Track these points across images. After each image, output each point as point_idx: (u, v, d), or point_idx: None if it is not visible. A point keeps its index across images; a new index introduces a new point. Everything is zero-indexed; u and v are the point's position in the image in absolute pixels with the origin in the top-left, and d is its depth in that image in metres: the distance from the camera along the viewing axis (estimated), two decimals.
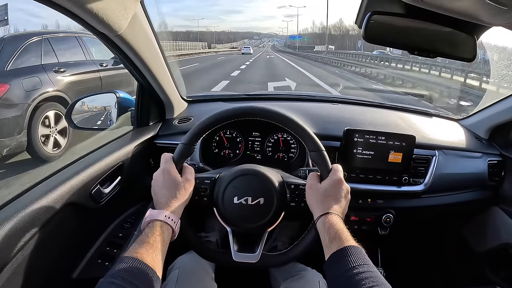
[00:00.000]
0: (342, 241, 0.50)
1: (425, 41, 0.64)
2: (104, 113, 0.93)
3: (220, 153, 0.96)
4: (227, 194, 0.61)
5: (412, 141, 0.85)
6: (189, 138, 0.62)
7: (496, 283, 1.01)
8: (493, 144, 1.04)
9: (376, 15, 0.61)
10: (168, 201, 0.55)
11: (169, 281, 0.69)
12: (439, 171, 0.91)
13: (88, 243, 0.72)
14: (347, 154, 0.86)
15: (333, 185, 0.58)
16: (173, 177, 0.58)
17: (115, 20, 0.55)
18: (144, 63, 0.75)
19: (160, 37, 0.77)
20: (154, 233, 0.50)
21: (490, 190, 0.99)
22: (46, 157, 2.74)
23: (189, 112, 1.07)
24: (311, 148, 0.62)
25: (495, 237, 1.01)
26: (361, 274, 0.44)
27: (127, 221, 0.82)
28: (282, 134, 0.95)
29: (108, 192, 0.72)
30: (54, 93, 2.78)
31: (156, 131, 0.93)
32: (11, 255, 0.50)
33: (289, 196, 0.63)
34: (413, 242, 1.16)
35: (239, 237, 0.64)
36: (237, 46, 72.29)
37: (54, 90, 2.79)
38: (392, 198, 0.90)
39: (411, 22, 0.63)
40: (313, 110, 1.06)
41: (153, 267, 0.45)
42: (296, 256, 0.62)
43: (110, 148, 0.78)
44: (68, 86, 2.94)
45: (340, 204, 0.57)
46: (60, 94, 2.84)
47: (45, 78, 2.74)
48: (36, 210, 0.53)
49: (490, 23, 0.57)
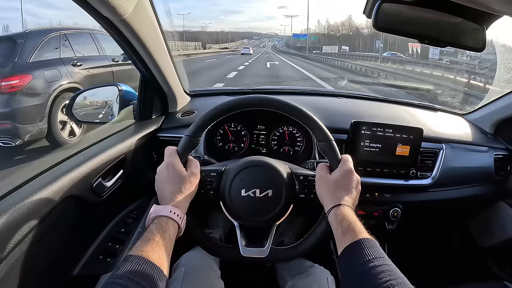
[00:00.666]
0: (356, 233, 0.49)
1: (435, 30, 0.64)
2: (106, 107, 0.91)
3: (224, 147, 0.94)
4: (234, 186, 0.59)
5: (419, 134, 0.84)
6: (194, 130, 0.60)
7: (503, 278, 1.00)
8: (499, 139, 1.04)
9: (386, 4, 0.60)
10: (173, 196, 0.54)
11: (175, 278, 0.68)
12: (446, 164, 0.91)
13: (89, 238, 0.70)
14: (354, 147, 0.85)
15: (344, 175, 0.57)
16: (178, 171, 0.56)
17: (121, 3, 0.53)
18: (148, 51, 0.73)
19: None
20: (160, 230, 0.48)
21: (497, 185, 0.99)
22: (62, 144, 2.98)
23: (192, 105, 1.05)
24: (319, 138, 0.60)
25: (502, 231, 1.00)
26: (377, 267, 0.43)
27: (129, 216, 0.80)
28: (287, 127, 0.93)
29: (110, 185, 0.70)
30: (72, 85, 3.03)
31: (159, 124, 0.91)
32: (9, 249, 0.48)
33: (298, 187, 0.61)
34: (420, 237, 1.16)
35: (247, 232, 0.62)
36: (231, 46, 66.51)
37: (71, 81, 3.04)
38: (400, 192, 0.89)
39: (420, 11, 0.62)
40: (319, 103, 1.05)
41: (159, 265, 0.44)
42: (307, 249, 0.61)
43: (112, 141, 0.76)
44: (84, 78, 3.18)
45: (351, 195, 0.56)
46: (77, 86, 3.08)
47: (63, 71, 2.98)
48: (35, 202, 0.51)
49: (501, 12, 0.56)
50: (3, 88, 2.55)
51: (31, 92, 2.69)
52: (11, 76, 2.58)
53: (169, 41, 0.82)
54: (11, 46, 2.68)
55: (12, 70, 2.60)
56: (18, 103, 2.61)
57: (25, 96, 2.65)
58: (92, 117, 0.89)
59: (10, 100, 2.57)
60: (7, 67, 2.59)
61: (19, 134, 2.62)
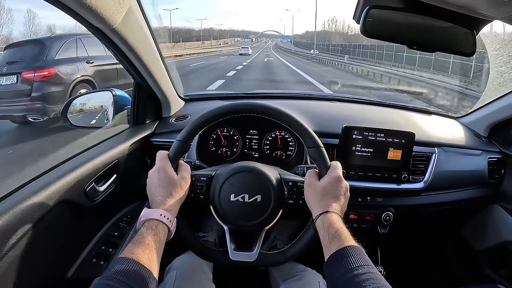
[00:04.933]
0: (341, 240, 0.49)
1: (424, 35, 0.64)
2: (100, 112, 0.91)
3: (217, 151, 0.95)
4: (223, 191, 0.60)
5: (411, 138, 0.84)
6: (185, 135, 0.61)
7: (497, 281, 1.00)
8: (493, 142, 1.04)
9: (374, 10, 0.60)
10: (164, 200, 0.54)
11: (166, 282, 0.68)
12: (439, 168, 0.91)
13: (83, 242, 0.71)
14: (346, 152, 0.85)
15: (332, 182, 0.57)
16: (169, 175, 0.57)
17: (110, 13, 0.54)
18: (140, 58, 0.74)
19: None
20: (150, 232, 0.49)
21: (490, 188, 0.99)
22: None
23: (186, 110, 1.06)
24: (309, 145, 0.61)
25: (496, 235, 1.00)
26: (361, 275, 0.43)
27: (123, 220, 0.81)
28: (280, 132, 0.94)
29: (103, 190, 0.71)
30: (86, 77, 3.99)
31: (153, 129, 0.92)
32: (3, 253, 0.48)
33: (286, 193, 0.62)
34: (413, 240, 1.16)
35: (236, 236, 0.63)
36: (208, 45, 55.90)
37: (85, 75, 3.99)
38: (392, 196, 0.89)
39: (410, 17, 0.62)
40: (311, 107, 1.05)
41: (149, 267, 0.44)
42: (294, 255, 0.61)
43: (106, 146, 0.76)
44: (95, 73, 4.13)
45: (339, 202, 0.56)
46: (90, 78, 4.05)
47: (80, 66, 3.95)
48: (29, 207, 0.52)
49: (490, 17, 0.57)
50: (36, 77, 3.50)
51: (56, 81, 3.62)
52: (42, 68, 3.54)
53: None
54: (41, 46, 3.65)
55: (43, 64, 3.57)
56: (47, 89, 3.55)
57: (52, 84, 3.59)
58: (87, 122, 0.90)
59: (41, 87, 3.52)
60: (39, 62, 3.56)
61: (47, 112, 3.50)
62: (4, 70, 3.57)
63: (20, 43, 3.95)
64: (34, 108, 3.47)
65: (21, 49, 3.73)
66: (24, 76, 3.49)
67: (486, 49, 1.01)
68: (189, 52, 25.32)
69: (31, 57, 3.61)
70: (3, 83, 3.53)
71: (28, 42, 3.89)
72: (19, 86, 3.50)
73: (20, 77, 3.49)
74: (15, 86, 3.51)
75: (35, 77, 3.48)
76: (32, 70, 3.49)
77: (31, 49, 3.67)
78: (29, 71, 3.50)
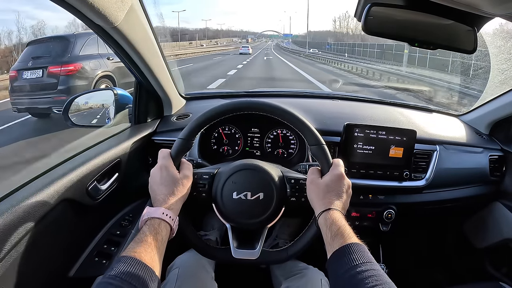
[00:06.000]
0: (344, 238, 0.49)
1: (426, 33, 0.64)
2: (101, 111, 0.92)
3: (219, 150, 0.95)
4: (226, 189, 0.60)
5: (413, 136, 0.84)
6: (187, 133, 0.61)
7: (498, 279, 1.00)
8: (494, 139, 1.04)
9: (375, 7, 0.60)
10: (166, 198, 0.54)
11: (168, 280, 0.68)
12: (441, 166, 0.91)
13: (85, 240, 0.71)
14: (347, 149, 0.85)
15: (334, 180, 0.57)
16: (171, 173, 0.57)
17: (111, 11, 0.54)
18: (141, 57, 0.74)
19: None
20: (152, 231, 0.49)
21: (492, 185, 0.99)
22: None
23: (188, 109, 1.06)
24: (311, 142, 0.61)
25: (497, 232, 1.00)
26: (364, 272, 0.43)
27: (125, 218, 0.81)
28: (281, 130, 0.94)
29: (105, 189, 0.71)
30: (107, 73, 4.29)
31: (154, 128, 0.92)
32: (5, 251, 0.48)
33: (289, 191, 0.62)
34: (415, 238, 1.16)
35: (238, 234, 0.63)
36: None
37: (107, 70, 4.27)
38: (394, 194, 0.89)
39: (411, 14, 0.62)
40: (312, 106, 1.05)
41: (151, 266, 0.44)
42: (297, 252, 0.61)
43: (108, 145, 0.76)
44: (115, 69, 4.37)
45: (341, 199, 0.56)
46: (110, 74, 4.35)
47: (101, 62, 4.23)
48: (32, 205, 0.52)
49: (491, 14, 0.57)
50: (63, 71, 3.82)
51: (81, 75, 3.95)
52: (68, 63, 3.86)
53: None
54: (67, 43, 3.96)
55: (69, 60, 3.87)
56: (73, 82, 3.87)
57: (77, 78, 3.91)
58: (88, 121, 0.90)
59: (67, 80, 3.83)
60: (65, 57, 3.89)
61: None
62: (29, 64, 3.86)
63: (42, 39, 4.35)
64: (59, 101, 3.70)
65: (45, 45, 4.08)
66: (50, 70, 3.79)
67: (487, 47, 1.01)
68: (175, 53, 22.77)
69: (56, 52, 3.93)
70: (29, 77, 3.86)
71: (52, 39, 4.27)
72: (45, 80, 3.81)
73: (46, 71, 3.80)
74: (41, 80, 3.81)
75: (61, 71, 3.81)
76: (58, 65, 3.82)
77: (55, 45, 4.01)
78: (55, 65, 3.81)
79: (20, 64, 4.06)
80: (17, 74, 3.97)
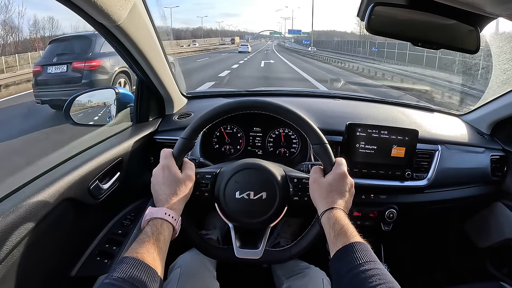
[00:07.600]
0: (347, 237, 0.49)
1: (429, 33, 0.64)
2: (102, 109, 0.91)
3: (220, 149, 0.95)
4: (228, 189, 0.60)
5: (415, 135, 0.84)
6: (189, 133, 0.61)
7: (499, 279, 1.00)
8: (495, 139, 1.04)
9: (379, 7, 0.60)
10: (168, 198, 0.54)
11: (170, 280, 0.68)
12: (442, 165, 0.91)
13: (87, 239, 0.71)
14: (350, 149, 0.85)
15: (337, 179, 0.57)
16: (173, 173, 0.57)
17: (114, 9, 0.54)
18: (144, 56, 0.73)
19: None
20: (155, 232, 0.49)
21: (493, 185, 0.99)
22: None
23: (189, 108, 1.05)
24: (313, 141, 0.61)
25: (498, 232, 1.01)
26: (367, 271, 0.43)
27: (126, 218, 0.80)
28: (283, 129, 0.94)
29: (107, 188, 0.71)
30: (124, 69, 4.54)
31: (156, 127, 0.91)
32: (7, 251, 0.48)
33: (292, 190, 0.62)
34: (416, 238, 1.16)
35: (241, 233, 0.63)
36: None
37: (124, 66, 4.48)
38: (395, 193, 0.89)
39: (414, 14, 0.62)
40: (314, 105, 1.05)
41: (153, 267, 0.44)
42: (300, 251, 0.61)
43: (109, 144, 0.76)
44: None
45: (344, 198, 0.56)
46: (127, 70, 4.57)
47: (119, 59, 4.44)
48: (33, 204, 0.52)
49: (494, 14, 0.57)
50: (86, 67, 4.20)
51: (103, 71, 4.30)
52: (92, 60, 4.22)
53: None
54: (89, 41, 4.28)
55: (92, 56, 4.23)
56: (95, 77, 4.24)
57: (99, 73, 4.27)
58: (89, 119, 0.90)
59: (90, 75, 4.21)
60: (88, 54, 4.25)
61: None
62: (54, 60, 4.25)
63: (64, 38, 4.80)
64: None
65: (68, 43, 4.52)
66: (74, 66, 4.18)
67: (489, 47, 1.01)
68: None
69: (79, 49, 4.31)
70: (53, 72, 4.25)
71: (74, 37, 4.78)
72: (69, 74, 4.19)
73: (70, 66, 4.19)
74: (66, 74, 4.20)
75: (85, 66, 4.19)
76: (82, 61, 4.19)
77: (78, 43, 4.43)
78: (79, 61, 4.18)
79: (44, 60, 4.43)
80: (42, 69, 4.30)
